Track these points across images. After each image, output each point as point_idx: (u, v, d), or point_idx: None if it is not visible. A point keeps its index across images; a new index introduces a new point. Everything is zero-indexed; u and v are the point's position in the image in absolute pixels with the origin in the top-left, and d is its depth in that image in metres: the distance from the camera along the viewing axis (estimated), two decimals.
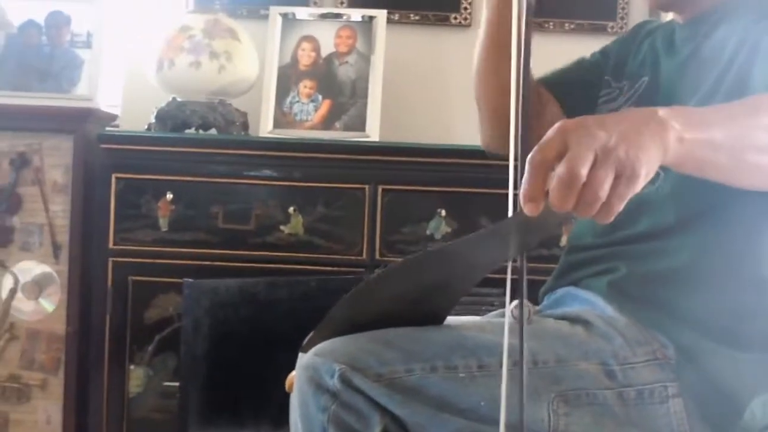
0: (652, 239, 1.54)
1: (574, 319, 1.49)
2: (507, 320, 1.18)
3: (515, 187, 1.11)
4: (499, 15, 1.73)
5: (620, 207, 1.06)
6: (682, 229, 1.50)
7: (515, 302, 1.24)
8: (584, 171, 1.03)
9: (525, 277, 1.13)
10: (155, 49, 2.99)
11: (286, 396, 1.52)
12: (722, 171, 1.26)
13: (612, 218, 1.07)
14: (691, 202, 1.50)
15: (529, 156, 1.06)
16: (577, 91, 1.84)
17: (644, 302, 1.50)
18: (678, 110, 1.18)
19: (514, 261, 1.19)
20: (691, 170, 1.23)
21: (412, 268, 1.32)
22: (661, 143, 1.11)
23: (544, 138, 1.07)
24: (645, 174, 1.07)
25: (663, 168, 1.54)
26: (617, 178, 1.05)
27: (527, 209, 1.05)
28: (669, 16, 1.81)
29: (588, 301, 1.55)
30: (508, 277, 1.21)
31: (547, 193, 1.05)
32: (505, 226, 1.16)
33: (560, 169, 1.04)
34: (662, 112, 1.15)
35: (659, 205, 1.54)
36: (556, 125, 1.08)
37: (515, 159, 1.11)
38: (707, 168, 1.24)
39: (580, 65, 1.91)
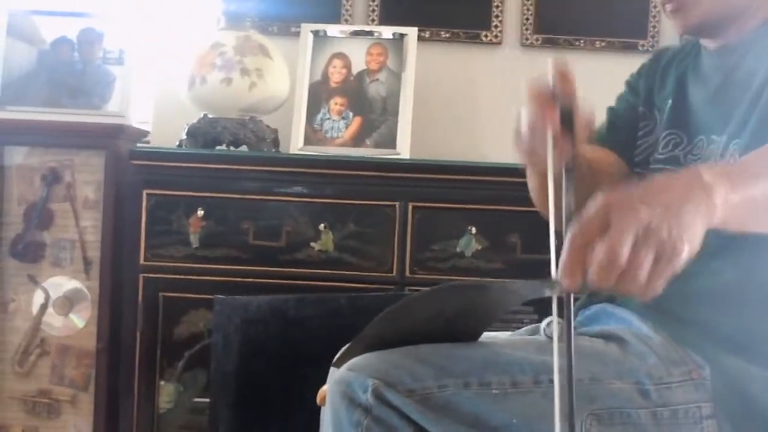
0: (691, 261, 1.53)
1: (608, 337, 1.48)
2: (555, 341, 1.17)
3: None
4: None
5: (660, 286, 1.06)
6: (723, 251, 1.48)
7: (549, 319, 1.23)
8: (625, 251, 1.03)
9: (572, 302, 1.13)
10: (187, 65, 3.01)
11: (317, 411, 1.52)
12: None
13: (652, 297, 1.06)
14: None
15: (571, 233, 1.05)
16: (628, 140, 1.79)
17: (681, 321, 1.49)
18: (722, 170, 1.18)
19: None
20: (735, 228, 1.21)
21: (449, 293, 1.32)
22: (707, 212, 1.11)
23: (587, 213, 1.06)
24: (687, 251, 1.07)
25: None
26: (658, 258, 1.04)
27: (566, 284, 1.05)
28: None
29: (623, 319, 1.54)
30: (554, 297, 1.20)
31: (586, 271, 1.05)
32: (541, 290, 1.15)
33: (600, 250, 1.03)
34: (707, 176, 1.14)
35: None
36: (600, 198, 1.07)
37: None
38: (752, 223, 1.24)
39: (617, 113, 1.85)
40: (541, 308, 1.21)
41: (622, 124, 1.80)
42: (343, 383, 1.34)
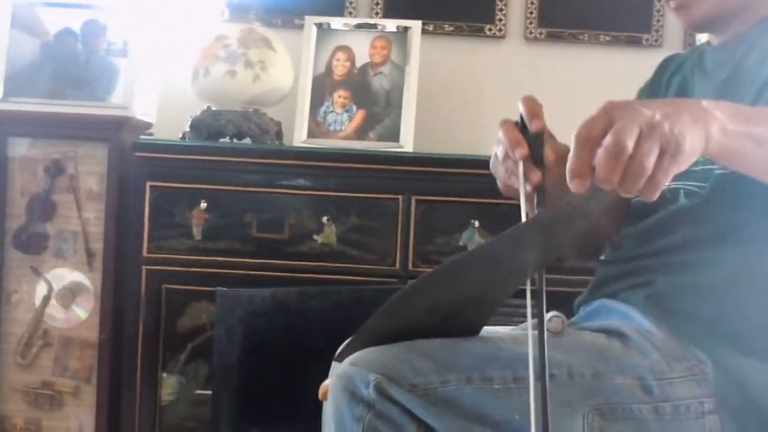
0: (689, 250, 1.53)
1: (610, 332, 1.48)
2: (530, 332, 1.18)
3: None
4: None
5: (665, 182, 1.07)
6: (721, 241, 1.49)
7: (552, 313, 1.24)
8: (630, 143, 1.04)
9: (544, 288, 1.14)
10: (190, 58, 3.01)
11: (319, 405, 1.52)
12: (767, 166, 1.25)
13: (657, 194, 1.07)
14: (730, 214, 1.49)
15: (576, 132, 1.07)
16: None
17: (682, 316, 1.49)
18: (721, 103, 1.19)
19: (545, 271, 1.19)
20: (735, 163, 1.22)
21: (446, 275, 1.32)
22: (704, 128, 1.12)
23: (591, 116, 1.07)
24: (689, 151, 1.08)
25: (700, 186, 1.54)
26: (662, 152, 1.06)
27: (574, 185, 1.06)
28: (704, 37, 1.80)
29: (624, 314, 1.54)
30: (528, 289, 1.22)
31: (593, 170, 1.05)
32: (544, 215, 1.16)
33: (607, 141, 1.05)
34: (705, 102, 1.16)
35: (696, 217, 1.53)
36: (603, 104, 1.08)
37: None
38: (751, 162, 1.23)
39: None
40: (540, 301, 1.20)
41: None
42: (345, 378, 1.34)
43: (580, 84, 3.23)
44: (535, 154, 1.33)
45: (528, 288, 1.23)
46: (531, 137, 1.34)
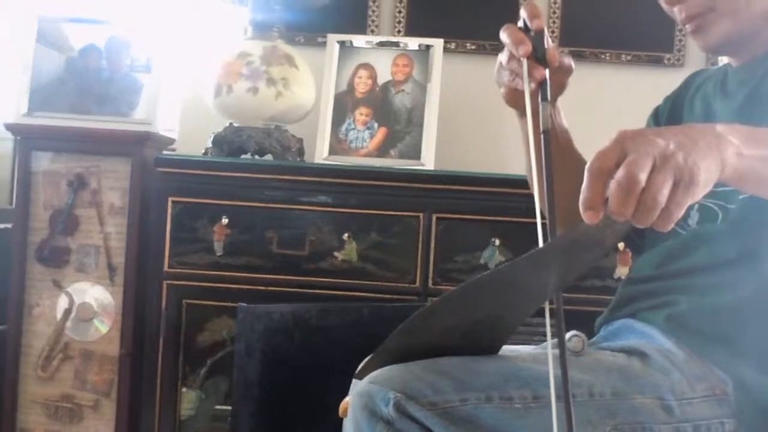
0: (711, 272, 1.53)
1: (631, 352, 1.48)
2: (549, 351, 1.18)
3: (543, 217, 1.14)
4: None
5: (679, 214, 1.06)
6: (744, 263, 1.48)
7: (572, 333, 1.24)
8: (643, 176, 1.03)
9: (561, 308, 1.14)
10: (213, 74, 3.02)
11: (339, 422, 1.52)
12: None
13: (671, 226, 1.07)
14: (753, 236, 1.49)
15: (588, 164, 1.07)
16: None
17: (704, 337, 1.48)
18: (736, 127, 1.18)
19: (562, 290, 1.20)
20: (750, 187, 1.22)
21: (466, 296, 1.31)
22: (719, 155, 1.11)
23: (603, 147, 1.07)
24: (703, 181, 1.07)
25: (721, 207, 1.53)
26: (676, 184, 1.05)
27: (587, 217, 1.05)
28: (723, 59, 1.80)
29: (645, 334, 1.54)
30: (547, 308, 1.22)
31: (606, 201, 1.05)
32: (560, 241, 1.16)
33: (619, 174, 1.04)
34: (720, 127, 1.15)
35: (718, 239, 1.53)
36: (615, 135, 1.08)
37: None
38: (758, 185, 1.22)
39: None
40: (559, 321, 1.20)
41: None
42: (364, 396, 1.34)
43: (602, 103, 3.23)
44: (538, 52, 1.41)
45: (547, 307, 1.23)
46: (533, 36, 1.43)
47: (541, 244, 1.18)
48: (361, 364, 1.41)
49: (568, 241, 1.16)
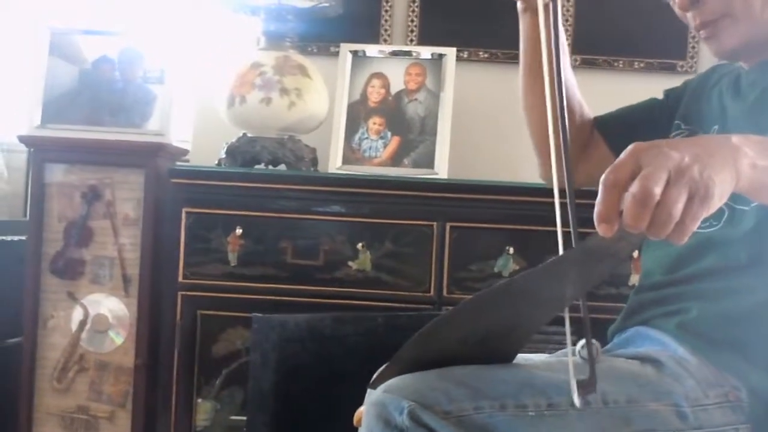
0: (723, 277, 1.53)
1: (644, 359, 1.48)
2: (570, 357, 1.18)
3: (563, 225, 1.13)
4: (532, 44, 1.78)
5: (694, 227, 1.06)
6: (755, 269, 1.48)
7: (582, 341, 1.23)
8: (658, 189, 1.03)
9: (588, 316, 1.13)
10: (226, 85, 3.03)
11: (353, 431, 1.52)
12: None
13: (685, 239, 1.06)
14: (764, 241, 1.48)
15: (603, 177, 1.06)
16: (623, 131, 1.83)
17: (716, 343, 1.48)
18: (751, 138, 1.18)
19: (578, 300, 1.19)
20: (764, 197, 1.21)
21: (480, 306, 1.31)
22: (734, 167, 1.11)
23: (618, 159, 1.07)
24: (718, 195, 1.07)
25: (728, 206, 1.53)
26: (691, 198, 1.05)
27: (601, 230, 1.05)
28: None
29: (659, 341, 1.54)
30: (567, 316, 1.21)
31: (620, 214, 1.05)
32: (574, 252, 1.16)
33: (634, 188, 1.04)
34: (735, 138, 1.15)
35: (729, 243, 1.53)
36: (630, 147, 1.08)
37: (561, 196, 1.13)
38: None
39: (633, 107, 1.91)
40: (578, 329, 1.20)
41: (632, 120, 1.83)
42: (379, 405, 1.33)
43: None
44: None
45: (567, 315, 1.23)
46: None
47: (558, 223, 1.18)
48: (376, 374, 1.41)
49: (582, 253, 1.15)
